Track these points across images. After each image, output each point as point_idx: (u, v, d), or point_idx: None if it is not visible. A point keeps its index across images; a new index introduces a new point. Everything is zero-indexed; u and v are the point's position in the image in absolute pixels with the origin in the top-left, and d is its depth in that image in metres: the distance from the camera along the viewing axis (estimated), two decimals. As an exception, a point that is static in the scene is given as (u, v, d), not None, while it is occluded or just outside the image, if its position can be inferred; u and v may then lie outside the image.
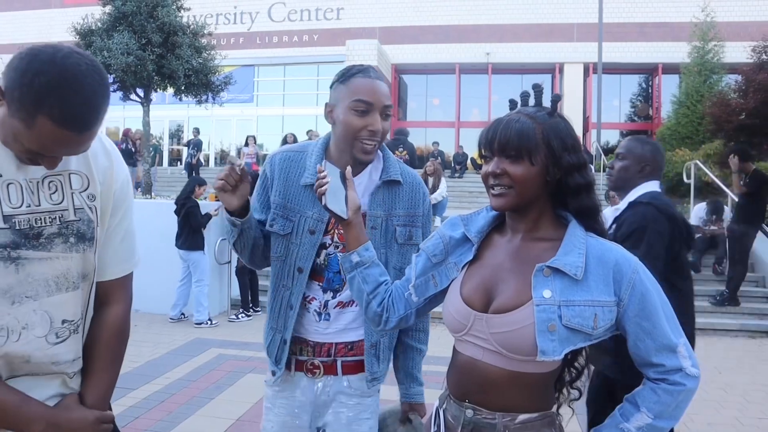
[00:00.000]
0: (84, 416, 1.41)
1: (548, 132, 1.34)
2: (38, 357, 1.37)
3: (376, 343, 1.90)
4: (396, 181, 1.92)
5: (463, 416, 1.38)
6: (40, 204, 1.34)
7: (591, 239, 1.36)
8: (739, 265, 7.85)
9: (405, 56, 25.61)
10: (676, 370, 1.32)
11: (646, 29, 23.73)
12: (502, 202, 1.37)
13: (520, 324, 1.30)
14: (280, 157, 1.93)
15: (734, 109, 14.30)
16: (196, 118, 23.69)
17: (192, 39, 15.51)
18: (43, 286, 1.35)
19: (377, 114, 1.80)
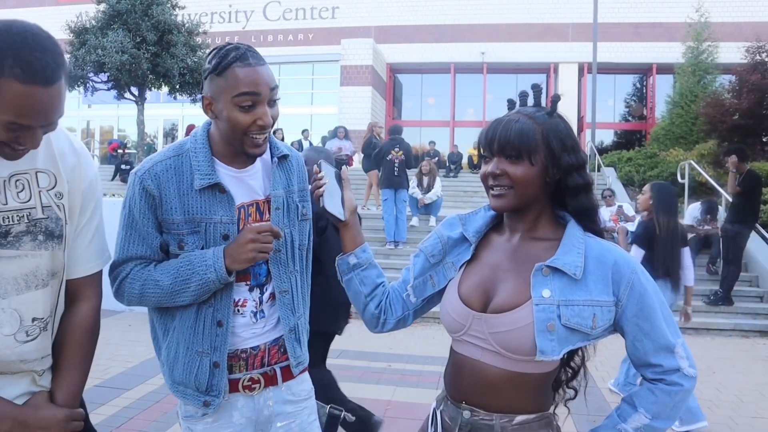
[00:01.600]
0: (53, 414, 1.40)
1: (548, 132, 1.34)
2: (6, 355, 1.36)
3: (294, 327, 1.79)
4: (285, 155, 1.81)
5: (461, 417, 1.38)
6: (7, 203, 1.33)
7: (590, 239, 1.36)
8: (733, 265, 7.88)
9: (400, 55, 25.63)
10: (673, 371, 1.32)
11: (641, 29, 23.81)
12: (502, 202, 1.36)
13: (519, 323, 1.29)
14: (159, 168, 1.66)
15: (728, 110, 14.36)
16: (191, 117, 23.61)
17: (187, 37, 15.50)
18: (12, 284, 1.34)
19: (264, 105, 1.61)
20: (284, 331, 1.77)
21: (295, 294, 1.80)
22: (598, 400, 4.64)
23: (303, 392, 1.85)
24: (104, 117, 27.12)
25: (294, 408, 1.81)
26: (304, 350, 1.86)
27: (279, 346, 1.78)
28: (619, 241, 9.13)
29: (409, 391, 4.60)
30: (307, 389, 1.88)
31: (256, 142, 1.63)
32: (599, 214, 1.43)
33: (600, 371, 5.35)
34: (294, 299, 1.80)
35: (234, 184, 1.70)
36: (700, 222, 9.14)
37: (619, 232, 9.21)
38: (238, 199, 1.69)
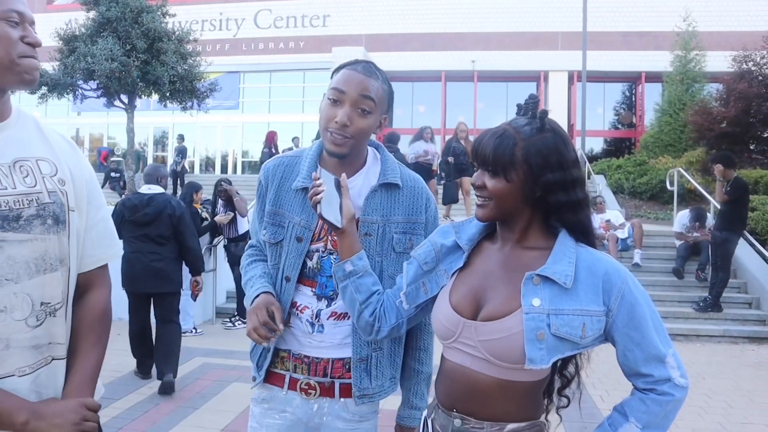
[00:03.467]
0: (66, 403, 1.39)
1: (529, 149, 1.32)
2: (18, 341, 1.35)
3: (366, 357, 1.76)
4: (394, 185, 1.78)
5: (451, 425, 1.38)
6: (16, 187, 1.34)
7: (581, 249, 1.36)
8: (722, 272, 7.93)
9: (391, 63, 25.66)
10: (664, 381, 1.32)
11: (630, 38, 24.00)
12: (482, 213, 1.40)
13: (508, 332, 1.29)
14: (274, 163, 1.86)
15: (716, 118, 14.49)
16: (181, 125, 23.56)
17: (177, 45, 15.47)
18: (24, 268, 1.34)
19: (347, 105, 1.65)
20: (354, 359, 1.75)
21: None
22: (589, 407, 4.64)
23: (359, 413, 1.80)
24: (94, 125, 26.99)
25: (345, 425, 1.79)
26: (376, 384, 1.78)
27: (344, 363, 1.78)
28: (609, 248, 9.17)
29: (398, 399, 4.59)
30: (366, 412, 1.81)
31: (333, 140, 1.67)
32: (593, 229, 1.42)
33: (591, 378, 5.36)
34: None
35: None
36: (688, 229, 9.19)
37: (610, 239, 9.26)
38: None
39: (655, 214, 13.70)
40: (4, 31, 1.30)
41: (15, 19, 1.32)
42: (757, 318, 7.91)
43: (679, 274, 8.79)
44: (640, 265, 9.08)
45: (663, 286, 8.77)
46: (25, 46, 1.34)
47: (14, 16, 1.31)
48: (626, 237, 9.38)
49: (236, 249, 7.53)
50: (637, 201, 15.12)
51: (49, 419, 1.34)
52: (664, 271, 9.12)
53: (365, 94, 1.66)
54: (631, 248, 9.29)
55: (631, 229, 9.46)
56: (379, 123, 1.75)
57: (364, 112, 1.67)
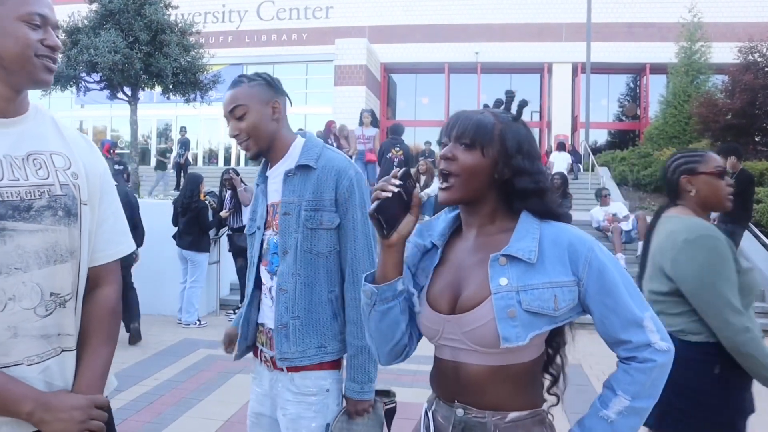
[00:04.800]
0: (75, 399, 1.39)
1: (506, 131, 1.37)
2: (25, 329, 1.36)
3: (285, 324, 1.92)
4: (308, 167, 1.95)
5: (454, 416, 1.38)
6: (28, 178, 1.38)
7: (545, 224, 1.37)
8: (726, 264, 7.89)
9: (394, 55, 25.62)
10: (644, 346, 1.31)
11: (634, 29, 23.88)
12: (446, 195, 1.38)
13: (486, 317, 1.30)
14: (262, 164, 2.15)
15: (721, 109, 14.44)
16: (184, 117, 23.55)
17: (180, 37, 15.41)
18: (33, 258, 1.36)
19: (231, 120, 1.96)
20: (275, 326, 1.94)
21: (293, 295, 1.92)
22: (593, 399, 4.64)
23: (306, 388, 1.92)
24: (97, 117, 27.01)
25: (293, 398, 1.92)
26: (296, 349, 1.92)
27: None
28: (613, 240, 9.15)
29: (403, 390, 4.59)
30: (311, 387, 1.93)
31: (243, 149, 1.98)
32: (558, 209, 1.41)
33: (595, 370, 5.36)
34: (291, 300, 1.92)
35: (270, 185, 2.05)
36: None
37: (614, 231, 9.23)
38: (271, 197, 2.03)
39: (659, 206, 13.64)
40: (23, 32, 1.35)
41: (36, 21, 1.37)
42: (763, 310, 7.88)
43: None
44: (644, 258, 9.04)
45: (667, 279, 8.74)
46: (43, 48, 1.38)
47: (36, 19, 1.37)
48: (630, 229, 9.36)
49: (239, 239, 7.53)
50: (641, 193, 15.09)
51: (55, 412, 1.34)
52: (668, 264, 9.09)
53: (232, 106, 1.94)
54: (635, 240, 9.27)
55: (635, 221, 9.43)
56: (270, 111, 1.96)
57: (241, 118, 1.93)
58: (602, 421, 1.32)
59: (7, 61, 1.35)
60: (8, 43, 1.34)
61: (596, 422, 1.33)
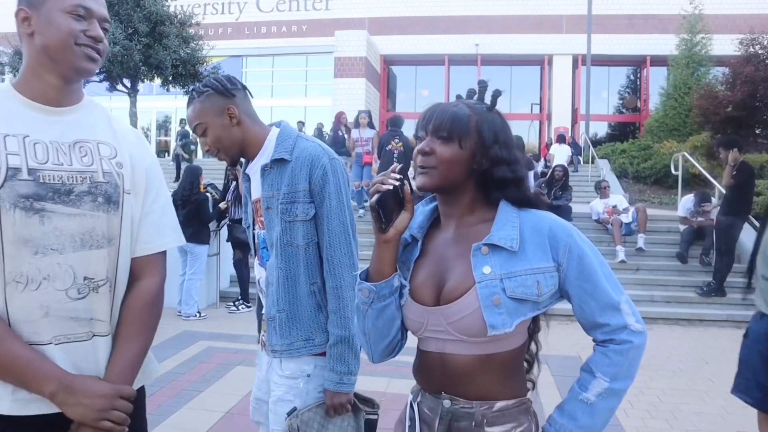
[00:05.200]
0: (101, 386, 1.40)
1: (482, 122, 1.38)
2: (57, 310, 1.40)
3: (273, 317, 1.96)
4: (283, 160, 1.94)
5: (440, 407, 1.39)
6: (72, 164, 1.44)
7: (523, 212, 1.39)
8: (726, 257, 7.90)
9: (394, 47, 25.56)
10: (621, 328, 1.34)
11: (635, 21, 23.81)
12: (425, 180, 1.37)
13: (472, 306, 1.31)
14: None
15: (721, 102, 14.41)
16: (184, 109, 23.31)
17: (179, 29, 15.40)
18: (69, 241, 1.41)
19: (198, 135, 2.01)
20: (267, 318, 1.99)
21: (277, 288, 1.95)
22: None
23: (289, 371, 1.96)
24: (96, 109, 26.94)
25: (279, 381, 1.96)
26: (284, 342, 1.95)
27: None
28: (613, 232, 9.15)
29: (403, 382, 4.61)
30: (294, 370, 1.95)
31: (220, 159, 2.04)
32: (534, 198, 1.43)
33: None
34: (276, 293, 1.95)
35: (252, 181, 2.06)
36: (693, 213, 9.17)
37: (614, 223, 9.23)
38: (254, 194, 2.05)
39: (659, 198, 13.66)
40: (66, 22, 1.42)
41: (80, 13, 1.44)
42: (761, 303, 7.89)
43: (683, 258, 8.77)
44: (644, 250, 9.06)
45: (667, 271, 8.76)
46: (85, 38, 1.44)
47: (80, 11, 1.44)
48: (630, 221, 9.35)
49: (238, 231, 7.52)
50: (641, 185, 15.09)
51: (77, 397, 1.36)
52: (668, 256, 9.10)
53: (193, 125, 1.98)
54: (635, 233, 9.27)
55: (635, 213, 9.43)
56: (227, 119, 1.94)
57: (204, 132, 1.96)
58: (582, 404, 1.35)
59: (52, 50, 1.43)
60: (53, 34, 1.42)
61: (576, 405, 1.36)
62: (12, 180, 1.36)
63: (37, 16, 1.43)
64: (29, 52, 1.47)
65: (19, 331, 1.37)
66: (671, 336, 6.91)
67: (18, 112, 1.44)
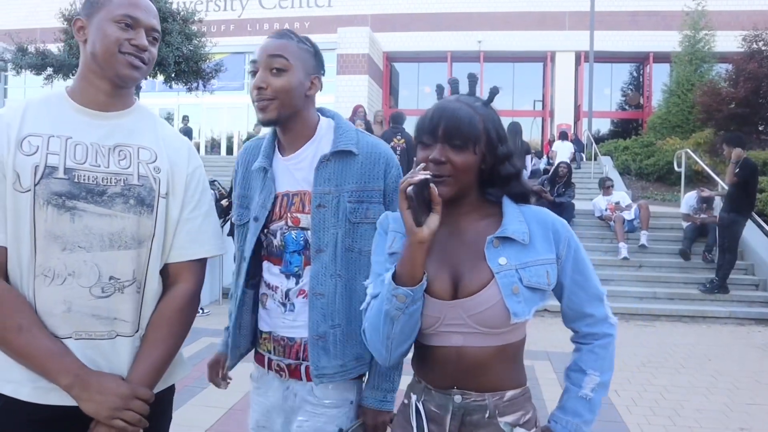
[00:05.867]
0: (117, 385, 1.42)
1: (487, 122, 1.38)
2: (79, 306, 1.43)
3: (323, 334, 1.68)
4: (348, 152, 1.70)
5: (451, 403, 1.39)
6: (109, 166, 1.49)
7: (523, 207, 1.45)
8: (729, 253, 7.90)
9: (397, 44, 25.52)
10: (603, 320, 1.47)
11: (638, 18, 23.74)
12: (446, 190, 1.33)
13: (492, 299, 1.33)
14: (247, 144, 1.90)
15: (724, 98, 14.37)
16: (187, 106, 23.55)
17: (182, 26, 15.39)
18: (98, 240, 1.45)
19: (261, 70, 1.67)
20: (310, 337, 1.69)
21: (332, 300, 1.68)
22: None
23: (328, 399, 1.72)
24: (99, 106, 26.96)
25: (313, 409, 1.72)
26: (336, 363, 1.69)
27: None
28: (616, 229, 9.14)
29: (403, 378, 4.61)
30: (335, 399, 1.72)
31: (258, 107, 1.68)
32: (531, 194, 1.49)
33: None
34: (330, 305, 1.68)
35: (281, 170, 1.76)
36: (696, 210, 9.16)
37: (616, 220, 9.22)
38: (282, 186, 1.74)
39: (662, 195, 13.64)
40: (112, 30, 1.49)
41: (127, 22, 1.50)
42: (764, 300, 7.89)
43: (685, 255, 8.76)
44: (646, 247, 9.06)
45: (669, 268, 8.76)
46: (129, 46, 1.50)
47: (127, 20, 1.50)
48: (633, 218, 9.34)
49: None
50: (644, 182, 15.06)
51: (92, 392, 1.38)
52: (670, 253, 9.10)
53: (274, 53, 1.66)
54: (637, 229, 9.26)
55: (637, 210, 9.41)
56: (309, 82, 1.71)
57: (279, 71, 1.65)
58: (582, 400, 1.45)
59: (99, 57, 1.49)
60: (100, 41, 1.49)
61: (578, 402, 1.45)
62: (48, 178, 1.42)
63: (90, 25, 1.51)
64: (83, 59, 1.54)
65: (41, 322, 1.41)
66: (674, 333, 6.92)
67: (66, 115, 1.50)
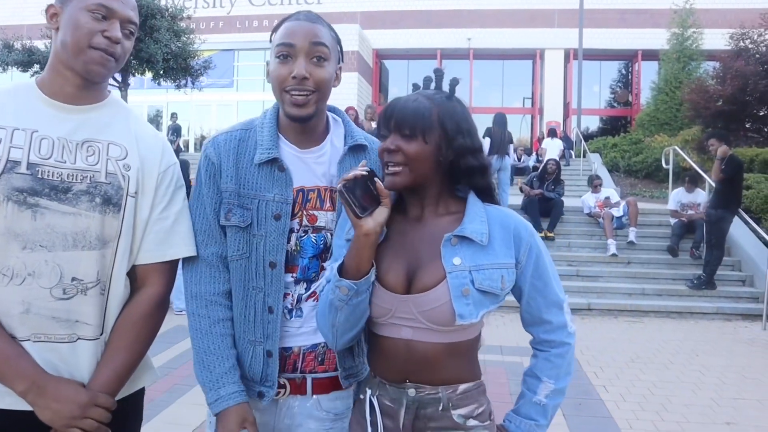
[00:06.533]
0: (75, 392, 1.36)
1: (443, 114, 1.38)
2: (38, 307, 1.37)
3: None
4: (362, 146, 1.65)
5: (405, 397, 1.40)
6: (75, 162, 1.41)
7: (489, 207, 1.44)
8: (716, 250, 7.96)
9: (386, 41, 25.49)
10: (561, 328, 1.46)
11: (627, 16, 23.84)
12: (396, 180, 1.38)
13: (443, 298, 1.34)
14: (224, 138, 1.61)
15: (712, 96, 14.46)
16: (176, 103, 23.38)
17: (170, 22, 15.28)
18: (60, 239, 1.38)
19: (301, 57, 1.50)
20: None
21: None
22: (584, 384, 4.69)
23: (334, 411, 1.62)
24: (87, 103, 26.75)
25: (318, 426, 1.60)
26: (359, 361, 1.65)
27: (317, 354, 1.60)
28: (604, 226, 9.19)
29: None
30: (341, 409, 1.63)
31: (295, 101, 1.50)
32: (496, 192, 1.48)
33: (586, 355, 5.40)
34: None
35: (296, 164, 1.58)
36: (683, 207, 9.22)
37: (605, 217, 9.27)
38: (297, 180, 1.57)
39: (650, 192, 13.73)
40: (85, 20, 1.40)
41: (102, 12, 1.42)
42: (750, 295, 7.96)
43: (673, 252, 8.82)
44: (635, 243, 9.11)
45: (657, 264, 8.82)
46: (102, 39, 1.41)
47: (101, 10, 1.41)
48: (621, 215, 9.40)
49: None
50: (633, 179, 15.15)
51: (47, 399, 1.33)
52: (658, 249, 9.16)
53: (317, 41, 1.51)
54: (626, 226, 9.32)
55: (626, 207, 9.47)
56: (335, 75, 1.61)
57: (321, 60, 1.51)
58: (536, 406, 1.46)
59: (69, 48, 1.41)
60: (71, 31, 1.41)
61: (531, 407, 1.47)
62: (9, 173, 1.35)
63: (63, 13, 1.43)
64: (53, 49, 1.46)
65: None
66: (662, 329, 6.96)
67: (34, 107, 1.42)
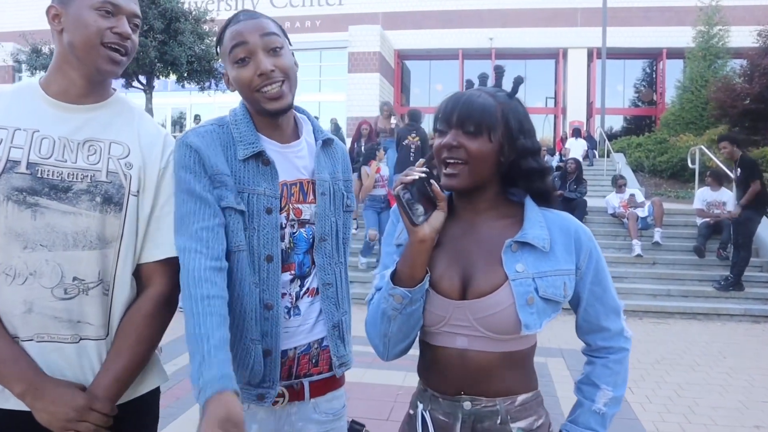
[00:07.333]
0: (72, 396, 1.33)
1: (507, 112, 1.32)
2: (40, 307, 1.36)
3: (338, 323, 1.64)
4: (331, 140, 1.68)
5: (461, 410, 1.34)
6: (76, 162, 1.40)
7: (546, 212, 1.38)
8: (744, 250, 7.84)
9: (408, 42, 25.51)
10: (618, 334, 1.41)
11: (651, 14, 23.56)
12: (456, 181, 1.32)
13: (502, 304, 1.28)
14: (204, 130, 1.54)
15: (739, 94, 14.25)
16: (199, 105, 23.65)
17: (194, 25, 15.47)
18: (61, 238, 1.37)
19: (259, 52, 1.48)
20: (327, 328, 1.61)
21: (339, 288, 1.65)
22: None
23: (332, 411, 1.65)
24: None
25: (318, 428, 1.62)
26: (349, 350, 1.68)
27: (310, 356, 1.61)
28: (629, 226, 9.10)
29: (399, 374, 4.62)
30: (337, 408, 1.66)
31: (270, 95, 1.49)
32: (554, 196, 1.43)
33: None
34: (338, 293, 1.64)
35: (277, 158, 1.55)
36: (709, 206, 9.09)
37: (629, 218, 9.18)
38: (281, 174, 1.55)
39: (675, 192, 13.55)
40: (93, 19, 1.39)
41: (108, 9, 1.41)
42: (777, 297, 7.83)
43: (700, 252, 8.70)
44: (660, 244, 9.00)
45: (684, 265, 8.70)
46: (112, 35, 1.41)
47: (108, 7, 1.41)
48: (646, 215, 9.29)
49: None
50: (658, 179, 14.97)
51: (45, 403, 1.32)
52: (684, 250, 9.04)
53: (267, 32, 1.50)
54: (651, 227, 9.21)
55: (651, 207, 9.36)
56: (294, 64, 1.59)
57: (278, 50, 1.51)
58: (595, 414, 1.40)
59: (78, 48, 1.40)
60: (79, 31, 1.39)
61: (590, 416, 1.40)
62: (9, 172, 1.35)
63: (66, 14, 1.41)
64: (58, 49, 1.44)
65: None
66: (688, 330, 6.88)
67: (36, 107, 1.42)
